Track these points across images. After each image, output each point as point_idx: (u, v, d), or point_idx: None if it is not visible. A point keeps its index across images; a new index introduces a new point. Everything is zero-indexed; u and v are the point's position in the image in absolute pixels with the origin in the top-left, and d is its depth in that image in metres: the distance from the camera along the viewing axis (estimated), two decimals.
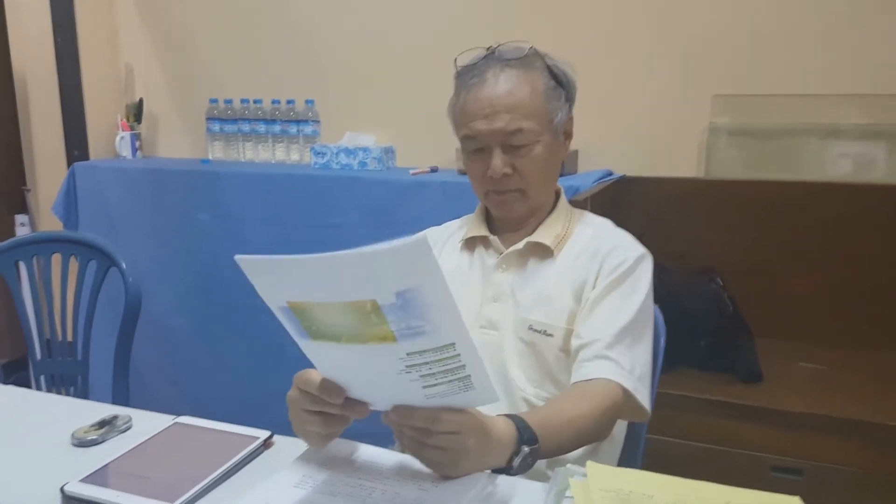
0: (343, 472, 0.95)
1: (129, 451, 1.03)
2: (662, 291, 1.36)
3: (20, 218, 3.26)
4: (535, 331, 1.23)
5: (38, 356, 1.89)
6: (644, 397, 1.16)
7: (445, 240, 1.40)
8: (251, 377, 2.77)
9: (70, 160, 3.04)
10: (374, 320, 0.77)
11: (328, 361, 0.89)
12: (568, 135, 1.29)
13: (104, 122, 3.12)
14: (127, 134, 3.07)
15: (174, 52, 3.14)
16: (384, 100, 2.81)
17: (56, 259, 1.92)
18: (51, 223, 3.08)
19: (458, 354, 0.81)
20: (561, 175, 1.36)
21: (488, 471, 0.93)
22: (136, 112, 3.09)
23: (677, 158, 2.46)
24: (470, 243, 1.35)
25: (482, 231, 1.33)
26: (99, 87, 3.11)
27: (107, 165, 2.96)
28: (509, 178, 1.22)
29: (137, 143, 3.10)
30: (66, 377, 1.88)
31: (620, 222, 1.34)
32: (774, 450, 1.91)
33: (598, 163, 2.51)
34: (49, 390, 1.87)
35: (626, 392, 1.13)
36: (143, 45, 3.17)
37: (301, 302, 0.82)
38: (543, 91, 1.22)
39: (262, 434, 1.07)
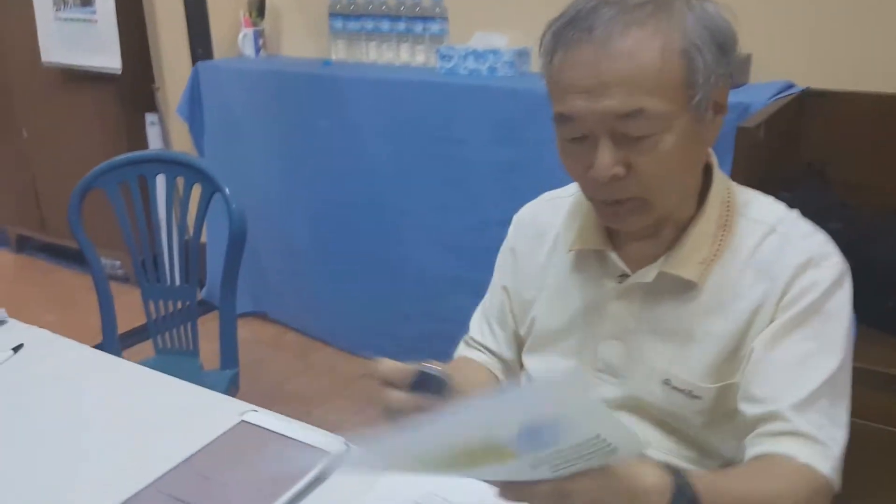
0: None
1: (191, 456, 0.89)
2: (846, 236, 1.01)
3: (150, 117, 3.25)
4: (675, 388, 0.92)
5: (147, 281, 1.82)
6: (838, 477, 0.84)
7: (554, 236, 1.04)
8: (369, 293, 2.68)
9: (194, 59, 2.95)
10: (490, 453, 0.60)
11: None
12: (720, 108, 0.87)
13: (227, 19, 2.99)
14: (250, 31, 2.91)
15: None
16: None
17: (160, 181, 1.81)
18: (179, 122, 3.03)
19: (605, 439, 0.60)
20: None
21: None
22: (258, 7, 2.92)
23: (877, 68, 1.98)
24: (581, 252, 1.00)
25: (596, 242, 0.96)
26: None
27: (229, 66, 2.85)
28: (622, 183, 0.83)
29: (261, 41, 2.94)
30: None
31: (800, 149, 0.92)
32: None
33: (776, 71, 2.07)
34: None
35: (825, 478, 0.83)
36: None
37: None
38: (682, 50, 0.80)
39: (337, 446, 0.89)
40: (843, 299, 0.88)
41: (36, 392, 1.08)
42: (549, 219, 1.06)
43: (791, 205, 0.95)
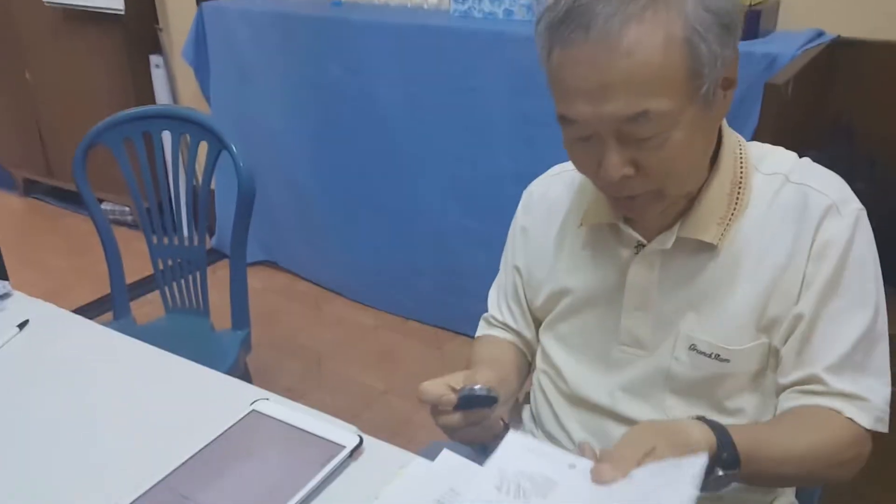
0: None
1: (201, 449, 0.86)
2: (874, 195, 0.97)
3: (154, 59, 3.16)
4: (702, 353, 0.90)
5: (154, 241, 1.79)
6: (884, 424, 0.87)
7: (565, 212, 1.02)
8: (382, 245, 2.64)
9: None
10: None
11: None
12: (729, 83, 0.83)
13: None
14: None
15: None
16: None
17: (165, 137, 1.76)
18: (185, 65, 2.95)
19: None
20: (753, 37, 0.84)
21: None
22: None
23: None
24: (593, 226, 0.98)
25: (607, 216, 0.94)
26: None
27: (235, 7, 2.74)
28: (633, 181, 0.81)
29: None
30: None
31: (828, 104, 0.88)
32: None
33: (806, 18, 1.97)
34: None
35: (865, 429, 0.86)
36: None
37: None
38: (684, 40, 0.74)
39: (351, 440, 0.86)
40: (867, 242, 0.87)
41: (41, 378, 1.05)
42: (559, 194, 1.04)
43: (819, 163, 0.92)
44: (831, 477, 0.87)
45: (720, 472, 0.77)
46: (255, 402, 0.94)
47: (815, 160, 0.93)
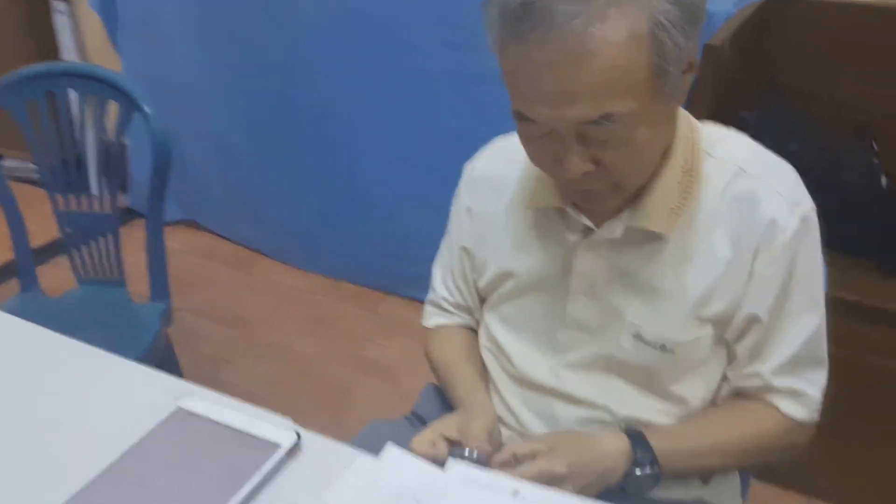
0: None
1: (121, 457, 0.79)
2: (811, 156, 0.97)
3: (58, 4, 2.91)
4: (647, 343, 0.89)
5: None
6: (818, 414, 0.92)
7: (512, 191, 0.98)
8: (316, 205, 2.55)
9: None
10: None
11: None
12: (690, 66, 0.77)
13: None
14: None
15: None
16: None
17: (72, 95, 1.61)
18: (92, 13, 2.72)
19: None
20: None
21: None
22: None
23: None
24: (540, 209, 0.94)
25: (553, 200, 0.90)
26: None
27: None
28: (593, 176, 0.78)
29: None
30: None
31: (763, 63, 0.86)
32: None
33: None
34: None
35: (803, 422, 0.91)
36: None
37: None
38: (649, 35, 0.70)
39: (288, 438, 0.81)
40: (817, 242, 0.87)
41: None
42: (504, 171, 1.00)
43: (755, 124, 0.92)
44: (762, 464, 0.93)
45: (637, 472, 0.84)
46: (180, 397, 0.86)
47: (751, 121, 0.92)
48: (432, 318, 1.12)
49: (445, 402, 1.07)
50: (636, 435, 0.86)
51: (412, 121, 2.22)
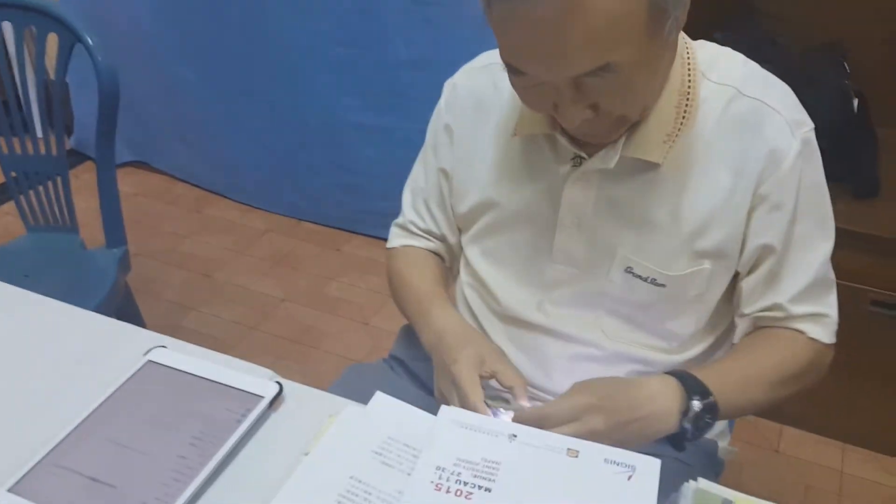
0: None
1: (90, 414, 0.74)
2: (774, 70, 0.94)
3: None
4: (638, 276, 0.85)
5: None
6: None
7: (497, 115, 0.91)
8: (269, 140, 2.45)
9: None
10: None
11: None
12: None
13: None
14: None
15: None
16: None
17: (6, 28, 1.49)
18: None
19: None
20: None
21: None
22: None
23: None
24: (528, 136, 0.89)
25: (542, 126, 0.85)
26: None
27: None
28: (593, 121, 0.74)
29: None
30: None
31: None
32: (876, 282, 1.62)
33: None
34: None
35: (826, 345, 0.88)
36: None
37: None
38: None
39: (270, 389, 0.76)
40: (819, 164, 0.84)
41: None
42: (487, 92, 0.93)
43: (722, 44, 0.87)
44: (794, 393, 0.88)
45: (695, 406, 0.76)
46: (149, 350, 0.81)
47: (721, 41, 0.87)
48: (397, 238, 1.06)
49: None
50: (680, 373, 0.80)
51: (365, 49, 2.11)
